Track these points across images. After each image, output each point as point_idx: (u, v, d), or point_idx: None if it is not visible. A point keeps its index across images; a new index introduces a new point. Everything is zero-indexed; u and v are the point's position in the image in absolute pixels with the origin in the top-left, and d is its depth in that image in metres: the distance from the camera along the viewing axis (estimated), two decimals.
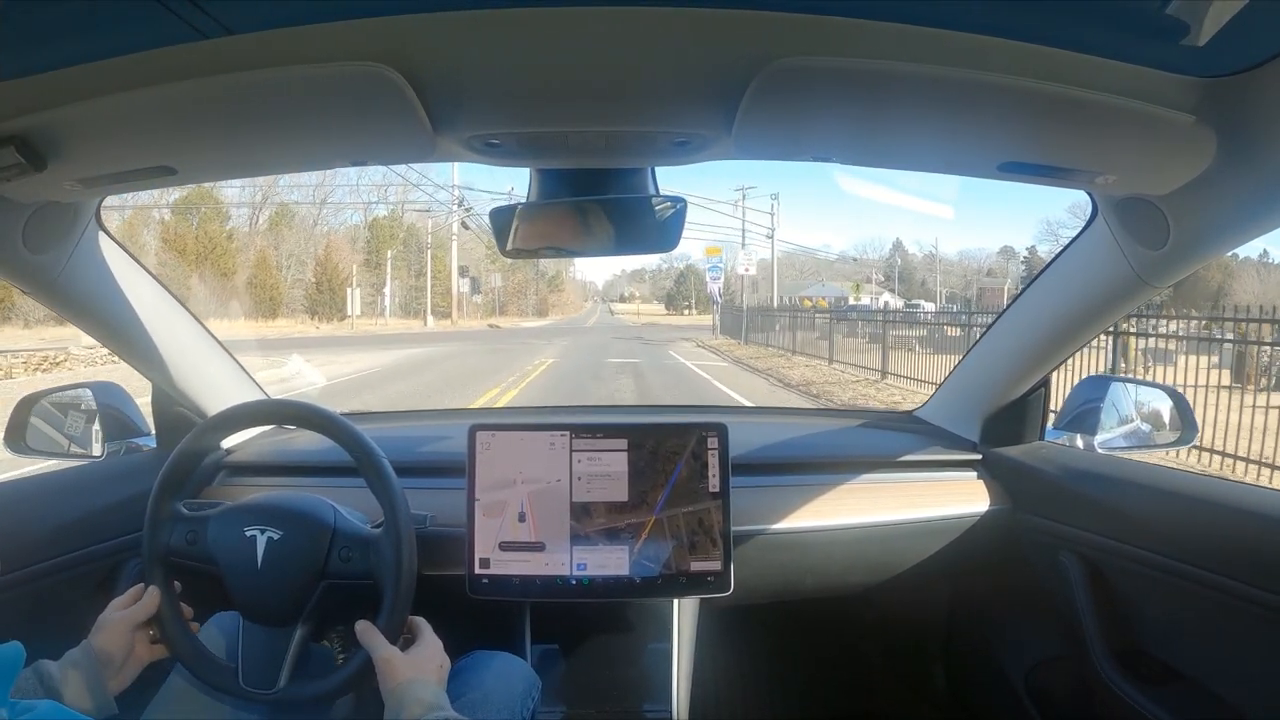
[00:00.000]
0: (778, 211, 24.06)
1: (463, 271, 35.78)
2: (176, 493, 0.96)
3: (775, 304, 22.31)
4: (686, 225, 0.94)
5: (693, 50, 0.62)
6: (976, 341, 1.38)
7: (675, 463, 1.11)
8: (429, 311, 33.96)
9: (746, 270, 22.90)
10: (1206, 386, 5.40)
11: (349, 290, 29.42)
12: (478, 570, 1.09)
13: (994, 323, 1.31)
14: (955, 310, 25.06)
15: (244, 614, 0.92)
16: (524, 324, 38.10)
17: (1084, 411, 1.28)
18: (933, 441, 1.36)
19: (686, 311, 61.78)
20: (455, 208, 31.26)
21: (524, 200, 0.94)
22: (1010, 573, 1.28)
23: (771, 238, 23.84)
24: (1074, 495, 1.13)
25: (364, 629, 0.88)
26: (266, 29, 0.58)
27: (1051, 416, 1.33)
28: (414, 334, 25.22)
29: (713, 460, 1.11)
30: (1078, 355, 5.20)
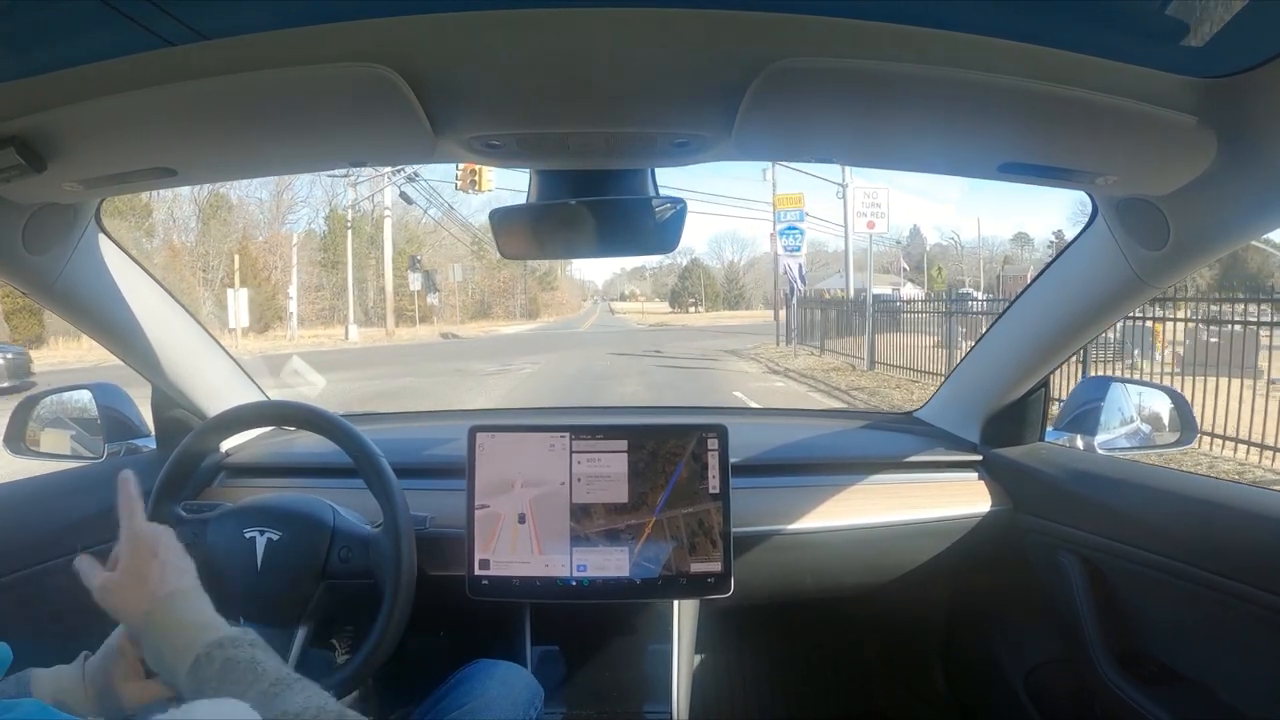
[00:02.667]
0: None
1: (413, 264, 26.47)
2: (175, 495, 0.96)
3: (847, 295, 13.95)
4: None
5: (693, 51, 0.62)
6: (976, 342, 1.38)
7: (675, 464, 1.11)
8: (349, 320, 23.79)
9: (871, 227, 11.89)
10: None
11: (230, 293, 18.53)
12: (477, 571, 1.09)
13: (993, 324, 1.31)
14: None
15: (245, 616, 0.91)
16: (502, 329, 30.05)
17: (1084, 412, 1.28)
18: (933, 442, 1.36)
19: (694, 309, 57.92)
20: (391, 173, 21.90)
21: (523, 201, 0.95)
22: (1010, 573, 1.28)
23: (843, 195, 13.47)
24: (1074, 496, 1.13)
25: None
26: (264, 31, 0.58)
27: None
28: (318, 352, 16.64)
29: (713, 461, 1.11)
30: None
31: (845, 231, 14.78)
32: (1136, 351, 7.15)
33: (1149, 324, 6.60)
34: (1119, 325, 6.73)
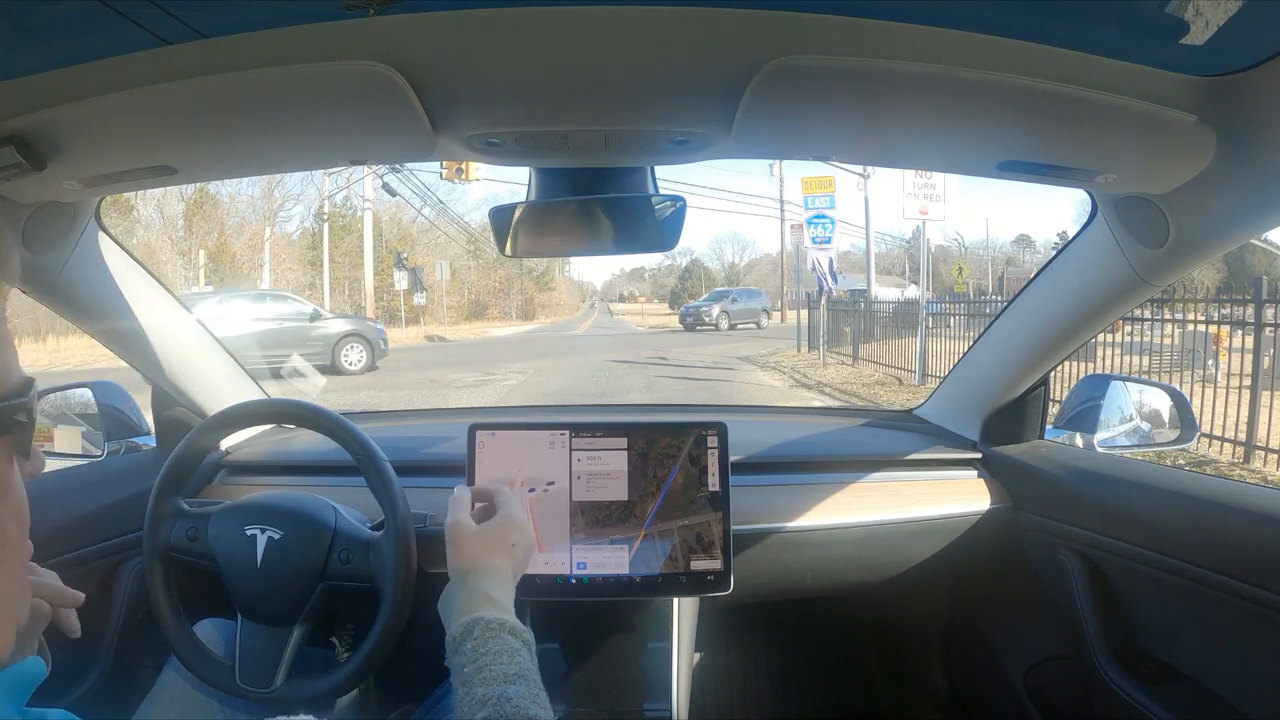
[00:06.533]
0: None
1: (398, 261, 24.70)
2: (177, 491, 0.96)
3: (861, 297, 12.83)
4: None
5: (693, 49, 0.62)
6: (976, 340, 1.38)
7: (675, 461, 1.11)
8: None
9: (924, 213, 9.18)
10: None
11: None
12: None
13: (992, 322, 1.31)
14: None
15: (242, 612, 0.92)
16: (495, 331, 28.07)
17: (1084, 410, 1.28)
18: (933, 440, 1.36)
19: None
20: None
21: (523, 200, 0.95)
22: (1010, 572, 1.28)
23: (864, 187, 12.64)
24: (1074, 494, 1.13)
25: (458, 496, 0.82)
26: (263, 29, 0.58)
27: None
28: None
29: (712, 459, 1.11)
30: None
31: (866, 225, 13.97)
32: (1210, 363, 5.85)
33: (1210, 329, 5.73)
34: (1177, 331, 6.09)
